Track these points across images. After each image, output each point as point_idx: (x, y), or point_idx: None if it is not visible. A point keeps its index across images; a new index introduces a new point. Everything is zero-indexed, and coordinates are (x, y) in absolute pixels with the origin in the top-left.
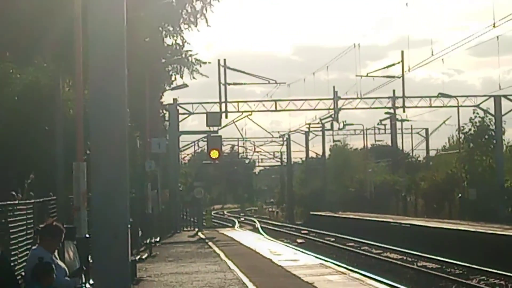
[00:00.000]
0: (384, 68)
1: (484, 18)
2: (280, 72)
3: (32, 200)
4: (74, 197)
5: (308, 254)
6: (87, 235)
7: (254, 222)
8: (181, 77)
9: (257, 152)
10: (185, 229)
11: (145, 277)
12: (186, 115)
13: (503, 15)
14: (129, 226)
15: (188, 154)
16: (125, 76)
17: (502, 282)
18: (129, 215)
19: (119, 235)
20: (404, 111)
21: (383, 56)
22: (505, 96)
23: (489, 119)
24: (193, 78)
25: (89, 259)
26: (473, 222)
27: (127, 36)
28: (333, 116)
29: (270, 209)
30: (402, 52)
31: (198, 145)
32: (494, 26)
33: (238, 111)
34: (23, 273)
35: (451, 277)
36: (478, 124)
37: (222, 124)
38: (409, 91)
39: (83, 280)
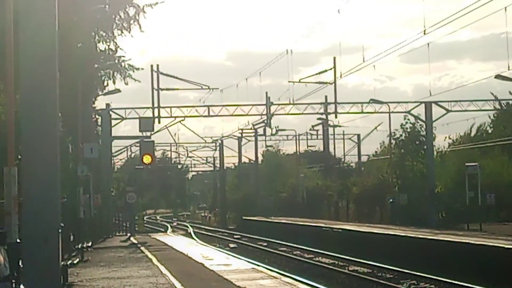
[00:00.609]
0: (316, 74)
1: (415, 26)
2: (213, 77)
3: None
4: (5, 202)
5: (240, 258)
6: (18, 240)
7: (187, 227)
8: (114, 82)
9: (190, 157)
10: (117, 234)
11: (76, 282)
12: (119, 120)
13: (434, 22)
14: (60, 230)
15: (121, 159)
16: (56, 80)
17: (432, 286)
18: (61, 219)
19: (50, 240)
20: (336, 117)
21: (316, 62)
22: (435, 103)
23: (420, 125)
24: (126, 83)
25: (20, 264)
26: (404, 227)
27: (59, 41)
28: (265, 121)
29: (203, 214)
30: (334, 58)
31: (131, 150)
32: (424, 33)
33: (171, 116)
34: None
35: (382, 281)
36: (409, 130)
37: (155, 130)
38: (342, 97)
39: (13, 286)
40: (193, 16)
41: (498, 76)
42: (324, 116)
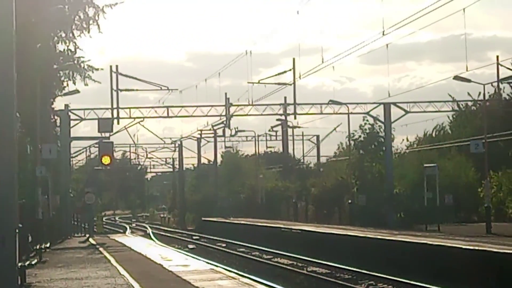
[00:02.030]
0: (276, 75)
1: (375, 27)
2: (173, 78)
3: None
4: None
5: (199, 259)
6: None
7: (146, 228)
8: (74, 83)
9: (149, 158)
10: (76, 235)
11: (34, 283)
12: (78, 121)
13: (392, 23)
14: (17, 231)
15: (80, 160)
16: (14, 80)
17: (390, 286)
18: (18, 220)
19: (7, 241)
20: (295, 118)
21: (276, 63)
22: (394, 104)
23: (379, 126)
24: (86, 84)
25: None
26: (363, 227)
27: (17, 42)
28: (225, 122)
29: (162, 215)
30: (294, 59)
31: (90, 151)
32: (383, 34)
33: (130, 117)
34: None
35: (340, 281)
36: (368, 131)
37: (114, 130)
38: (302, 99)
39: None
40: (153, 16)
41: (456, 77)
42: (283, 117)
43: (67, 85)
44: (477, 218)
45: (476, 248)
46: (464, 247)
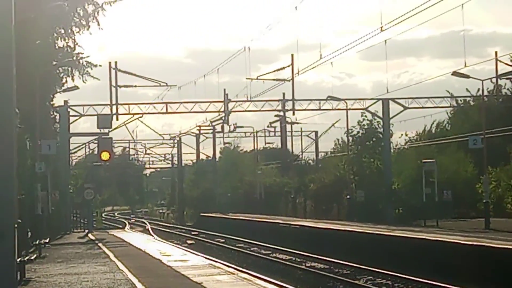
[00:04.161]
0: (274, 71)
1: (373, 23)
2: (172, 74)
3: None
4: None
5: (198, 254)
6: None
7: (145, 223)
8: (73, 79)
9: (148, 154)
10: (75, 230)
11: (34, 278)
12: (77, 117)
13: (391, 19)
14: (16, 226)
15: (79, 156)
16: (13, 77)
17: (388, 282)
18: (18, 216)
19: (6, 236)
20: (293, 114)
21: (275, 59)
22: (393, 99)
23: (377, 121)
24: (85, 81)
25: None
26: (361, 223)
27: (17, 38)
28: (223, 118)
29: (161, 211)
30: (292, 55)
31: (89, 147)
32: (381, 30)
33: (129, 113)
34: None
35: (338, 277)
36: (366, 126)
37: (113, 126)
38: (301, 95)
39: None
40: (152, 13)
41: (455, 73)
42: (282, 113)
43: (66, 81)
44: (475, 213)
45: (475, 243)
46: (462, 242)
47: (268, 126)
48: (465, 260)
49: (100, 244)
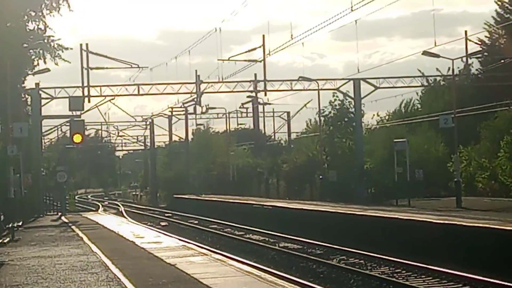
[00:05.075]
0: (246, 52)
1: (344, 3)
2: (144, 56)
3: None
4: None
5: (171, 236)
6: None
7: (118, 205)
8: (44, 62)
9: (121, 136)
10: (48, 213)
11: (7, 261)
12: (49, 100)
13: None
14: None
15: (51, 139)
16: None
17: (361, 261)
18: None
19: None
20: (265, 95)
21: (247, 40)
22: (364, 79)
23: (349, 102)
24: (56, 63)
25: None
26: (334, 203)
27: None
28: (195, 100)
29: (134, 193)
30: (263, 36)
31: (61, 130)
32: (352, 10)
33: (101, 96)
34: None
35: (312, 257)
36: (338, 107)
37: (85, 109)
38: (273, 76)
39: None
40: None
41: (425, 53)
42: (253, 94)
43: (38, 64)
44: (447, 192)
45: (446, 222)
46: (434, 221)
47: (240, 107)
48: (437, 238)
49: (73, 227)
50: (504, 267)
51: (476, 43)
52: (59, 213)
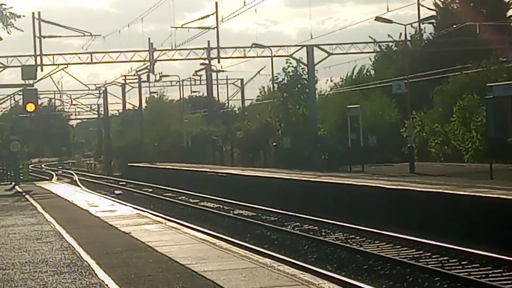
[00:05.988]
0: (199, 19)
1: None
2: (97, 24)
3: None
4: None
5: (126, 205)
6: None
7: (72, 175)
8: None
9: (74, 105)
10: (1, 183)
11: None
12: (1, 69)
13: None
14: None
15: (4, 108)
16: None
17: (315, 228)
18: None
19: None
20: (219, 62)
21: (200, 7)
22: (317, 46)
23: (302, 68)
24: (9, 32)
25: None
26: (288, 170)
27: None
28: (149, 68)
29: (88, 162)
30: (216, 3)
31: (14, 99)
32: None
33: (54, 64)
34: None
35: (266, 224)
36: (291, 73)
37: (38, 78)
38: (227, 43)
39: None
40: None
41: (378, 18)
42: (207, 62)
43: None
44: (400, 158)
45: (399, 187)
46: (387, 186)
47: (193, 75)
48: (390, 203)
49: (27, 196)
50: (457, 231)
51: (429, 8)
52: (13, 183)
